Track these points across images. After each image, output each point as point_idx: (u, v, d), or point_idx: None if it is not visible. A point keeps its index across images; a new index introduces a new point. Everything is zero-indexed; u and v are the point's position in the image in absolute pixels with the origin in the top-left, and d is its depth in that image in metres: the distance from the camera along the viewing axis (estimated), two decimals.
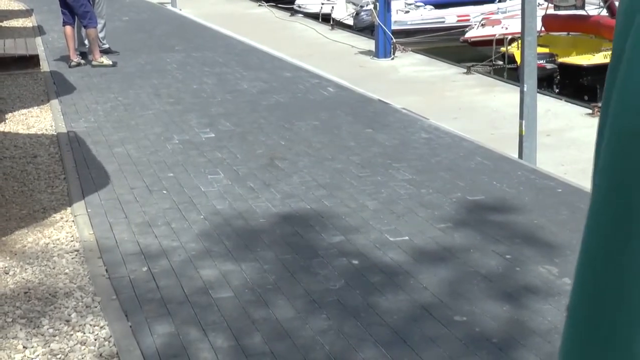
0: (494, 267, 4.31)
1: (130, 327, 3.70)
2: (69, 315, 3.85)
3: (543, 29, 14.68)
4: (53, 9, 13.27)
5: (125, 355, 3.44)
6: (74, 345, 3.56)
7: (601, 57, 13.19)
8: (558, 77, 14.07)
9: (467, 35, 16.74)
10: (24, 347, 3.56)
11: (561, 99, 10.94)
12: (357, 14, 19.00)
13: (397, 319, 3.73)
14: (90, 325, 3.74)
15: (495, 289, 4.04)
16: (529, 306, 3.85)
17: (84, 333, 3.67)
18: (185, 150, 6.67)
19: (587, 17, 14.74)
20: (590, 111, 9.82)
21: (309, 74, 10.25)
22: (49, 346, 3.56)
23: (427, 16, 19.34)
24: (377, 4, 13.58)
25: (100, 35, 11.10)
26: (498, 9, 18.11)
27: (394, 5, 14.81)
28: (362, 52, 14.29)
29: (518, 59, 11.13)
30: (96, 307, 3.93)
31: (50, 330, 3.70)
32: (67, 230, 4.99)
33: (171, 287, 4.10)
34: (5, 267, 4.43)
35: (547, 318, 3.72)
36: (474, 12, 18.88)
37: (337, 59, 13.69)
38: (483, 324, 3.68)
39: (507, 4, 17.90)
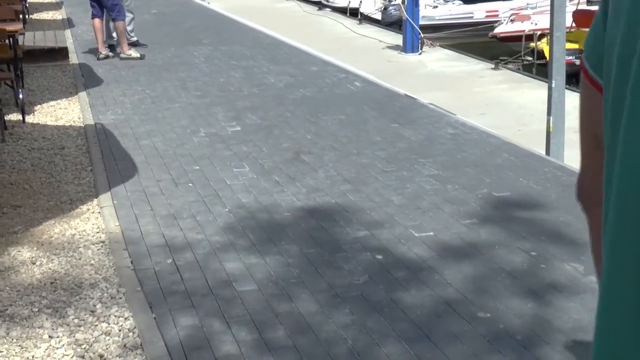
0: (519, 264, 4.27)
1: (155, 318, 3.72)
2: (94, 305, 3.88)
3: (574, 24, 14.53)
4: (82, 1, 13.36)
5: (149, 346, 3.46)
6: (99, 335, 3.59)
7: None
8: None
9: (496, 30, 16.64)
10: (49, 336, 3.59)
11: None
12: (385, 8, 18.98)
13: (420, 315, 3.72)
14: (115, 316, 3.77)
15: (520, 286, 4.01)
16: (554, 304, 3.81)
17: (109, 324, 3.70)
18: (211, 144, 6.69)
19: None
20: None
21: (336, 69, 10.23)
22: (74, 336, 3.59)
23: (456, 11, 19.26)
24: None
25: (129, 28, 11.17)
26: (527, 4, 17.98)
27: (422, 0, 14.74)
28: (389, 47, 14.25)
29: (547, 54, 11.04)
30: (121, 298, 3.96)
31: (76, 321, 3.73)
32: (93, 221, 5.03)
33: (195, 280, 4.12)
34: (32, 257, 4.47)
35: (572, 316, 3.69)
36: (503, 8, 18.78)
37: (364, 53, 13.66)
38: (507, 321, 3.65)
39: None
